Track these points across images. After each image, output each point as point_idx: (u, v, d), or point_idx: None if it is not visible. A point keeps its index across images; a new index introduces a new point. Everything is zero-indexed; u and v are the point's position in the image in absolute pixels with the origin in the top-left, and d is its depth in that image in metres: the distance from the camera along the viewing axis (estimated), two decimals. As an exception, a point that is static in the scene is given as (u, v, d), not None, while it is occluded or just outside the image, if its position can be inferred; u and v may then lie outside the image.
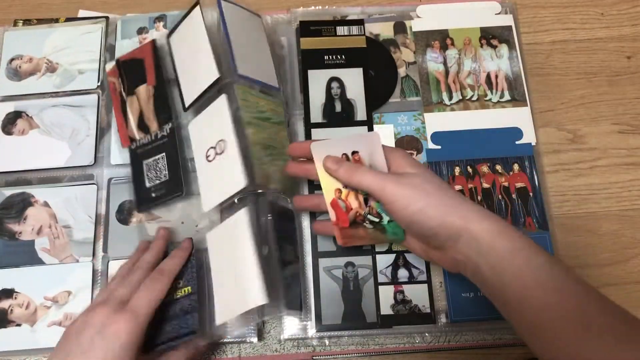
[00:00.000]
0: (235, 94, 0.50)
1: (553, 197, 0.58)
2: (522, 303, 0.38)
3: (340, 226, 0.47)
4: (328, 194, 0.47)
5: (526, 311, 0.38)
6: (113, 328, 0.41)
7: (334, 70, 0.60)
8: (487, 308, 0.52)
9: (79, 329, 0.42)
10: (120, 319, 0.41)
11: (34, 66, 0.61)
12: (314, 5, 0.64)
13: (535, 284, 0.38)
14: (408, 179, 0.43)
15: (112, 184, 0.56)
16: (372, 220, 0.47)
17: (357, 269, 0.54)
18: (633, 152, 0.60)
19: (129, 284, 0.45)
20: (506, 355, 0.53)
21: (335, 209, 0.47)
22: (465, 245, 0.40)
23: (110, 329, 0.41)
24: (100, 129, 0.59)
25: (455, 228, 0.41)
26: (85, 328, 0.41)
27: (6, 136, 0.59)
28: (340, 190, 0.47)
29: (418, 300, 0.53)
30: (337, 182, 0.47)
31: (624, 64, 0.64)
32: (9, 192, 0.57)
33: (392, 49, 0.62)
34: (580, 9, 0.66)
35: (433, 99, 0.60)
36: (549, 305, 0.37)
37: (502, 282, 0.39)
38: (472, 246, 0.40)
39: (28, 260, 0.54)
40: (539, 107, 0.61)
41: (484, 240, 0.40)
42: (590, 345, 0.35)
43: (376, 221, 0.47)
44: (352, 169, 0.45)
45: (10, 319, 0.52)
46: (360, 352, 0.53)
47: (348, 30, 0.62)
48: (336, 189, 0.47)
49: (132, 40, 0.62)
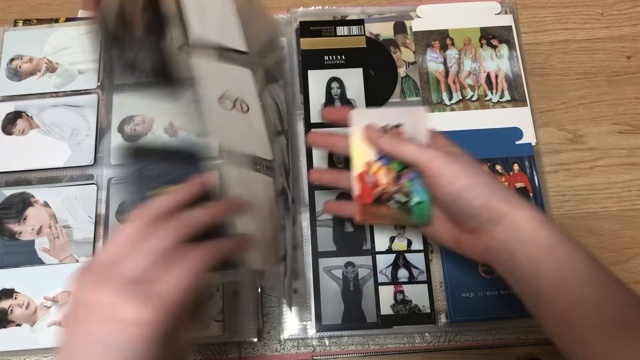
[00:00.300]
0: (258, 79, 0.48)
1: (553, 197, 0.58)
2: (556, 295, 0.37)
3: (362, 202, 0.45)
4: (357, 166, 0.45)
5: (560, 304, 0.37)
6: (124, 330, 0.30)
7: (334, 71, 0.60)
8: (487, 308, 0.52)
9: (72, 322, 0.32)
10: (138, 313, 0.30)
11: (34, 66, 0.61)
12: (314, 5, 0.64)
13: (574, 276, 0.37)
14: (455, 156, 0.42)
15: (112, 184, 0.57)
16: (398, 200, 0.45)
17: (357, 269, 0.54)
18: (633, 152, 0.60)
19: (145, 254, 0.33)
20: (506, 355, 0.53)
21: (362, 183, 0.45)
22: (504, 231, 0.39)
23: (118, 329, 0.30)
24: (100, 129, 0.59)
25: (499, 211, 0.39)
26: (79, 323, 0.32)
27: (6, 136, 0.59)
28: (370, 165, 0.45)
29: (418, 301, 0.53)
30: (369, 154, 0.45)
31: (624, 64, 0.64)
32: (9, 192, 0.57)
33: (392, 49, 0.62)
34: (580, 9, 0.66)
35: (433, 99, 0.60)
36: (585, 299, 0.36)
37: (537, 273, 0.38)
38: (511, 233, 0.39)
39: (28, 260, 0.54)
40: (539, 107, 0.61)
41: (525, 228, 0.39)
42: (625, 343, 0.34)
43: (403, 201, 0.45)
44: (396, 139, 0.43)
45: (11, 319, 0.52)
46: (360, 352, 0.53)
47: (348, 31, 0.62)
48: (366, 162, 0.45)
49: (132, 40, 0.62)
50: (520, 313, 0.52)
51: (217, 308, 0.52)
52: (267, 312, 0.54)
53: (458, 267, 0.53)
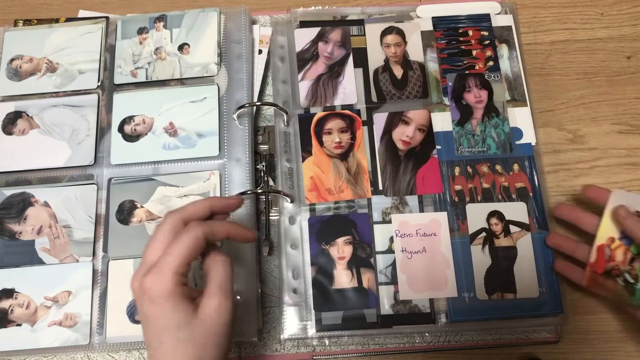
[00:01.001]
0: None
1: (553, 197, 0.58)
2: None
3: (594, 269, 0.49)
4: (600, 237, 0.50)
5: None
6: (146, 292, 0.37)
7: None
8: (487, 308, 0.52)
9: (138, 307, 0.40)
10: (147, 281, 0.38)
11: (34, 66, 0.62)
12: (314, 5, 0.64)
13: None
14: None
15: (112, 184, 0.57)
16: (626, 279, 0.48)
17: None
18: (633, 152, 0.60)
19: (154, 242, 0.40)
20: (506, 355, 0.53)
21: (599, 254, 0.49)
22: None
23: (145, 294, 0.38)
24: (100, 129, 0.59)
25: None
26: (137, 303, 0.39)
27: (6, 136, 0.59)
28: (613, 240, 0.49)
29: (418, 300, 0.53)
30: (614, 231, 0.49)
31: (624, 64, 0.64)
32: (9, 192, 0.57)
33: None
34: (580, 9, 0.66)
35: (433, 100, 0.60)
36: None
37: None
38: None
39: (28, 260, 0.54)
40: (539, 107, 0.61)
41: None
42: None
43: (630, 282, 0.48)
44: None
45: (11, 319, 0.52)
46: (360, 352, 0.53)
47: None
48: (610, 237, 0.49)
49: (132, 41, 0.62)
50: (520, 313, 0.52)
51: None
52: (267, 312, 0.54)
53: (457, 266, 0.53)
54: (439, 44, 0.62)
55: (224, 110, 0.58)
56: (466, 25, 0.62)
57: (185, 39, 0.62)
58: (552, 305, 0.52)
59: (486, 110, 0.59)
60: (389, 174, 0.57)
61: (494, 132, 0.58)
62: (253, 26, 0.63)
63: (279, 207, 0.56)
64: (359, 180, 0.56)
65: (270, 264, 0.56)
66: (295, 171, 0.57)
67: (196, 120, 0.58)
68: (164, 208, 0.55)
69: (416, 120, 0.58)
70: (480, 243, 0.54)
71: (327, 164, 0.57)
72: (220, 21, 0.62)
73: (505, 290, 0.53)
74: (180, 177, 0.56)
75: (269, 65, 0.62)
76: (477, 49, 0.61)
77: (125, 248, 0.54)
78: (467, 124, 0.58)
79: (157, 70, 0.60)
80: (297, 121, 0.58)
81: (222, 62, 0.60)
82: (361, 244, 0.54)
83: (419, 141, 0.58)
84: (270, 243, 0.56)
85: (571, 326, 0.54)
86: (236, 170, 0.56)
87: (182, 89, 0.60)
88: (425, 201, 0.56)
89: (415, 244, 0.54)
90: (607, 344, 0.54)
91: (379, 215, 0.55)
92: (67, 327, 0.52)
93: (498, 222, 0.55)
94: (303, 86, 0.60)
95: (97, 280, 0.54)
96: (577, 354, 0.53)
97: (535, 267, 0.53)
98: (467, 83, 0.60)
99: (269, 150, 0.59)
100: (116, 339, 0.52)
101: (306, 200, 0.55)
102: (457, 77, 0.60)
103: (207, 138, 0.57)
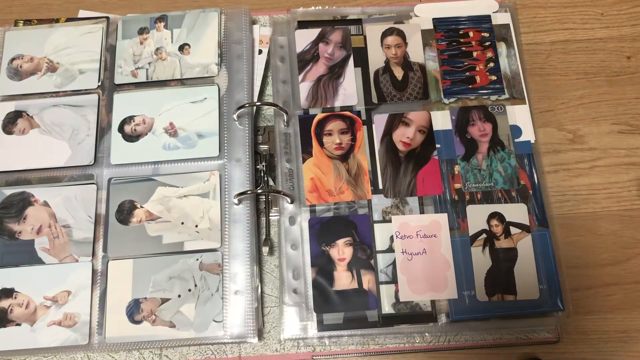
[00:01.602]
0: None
1: (553, 197, 0.58)
2: None
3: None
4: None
5: None
6: None
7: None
8: (487, 308, 0.52)
9: None
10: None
11: (34, 66, 0.62)
12: (314, 5, 0.65)
13: None
14: None
15: (112, 184, 0.57)
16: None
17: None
18: (633, 152, 0.60)
19: None
20: (506, 355, 0.53)
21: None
22: None
23: None
24: (100, 129, 0.59)
25: None
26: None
27: (6, 136, 0.59)
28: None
29: (419, 299, 0.53)
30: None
31: (624, 64, 0.64)
32: (9, 192, 0.57)
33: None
34: (580, 9, 0.66)
35: (432, 99, 0.60)
36: None
37: None
38: None
39: (28, 260, 0.54)
40: (539, 107, 0.61)
41: None
42: None
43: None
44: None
45: (10, 319, 0.52)
46: (360, 352, 0.53)
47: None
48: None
49: (132, 41, 0.62)
50: (520, 313, 0.52)
51: (217, 308, 0.52)
52: (267, 312, 0.54)
53: (458, 268, 0.53)
54: (439, 45, 0.62)
55: (224, 110, 0.59)
56: (467, 27, 0.62)
57: (185, 39, 0.62)
58: (553, 305, 0.52)
59: (491, 143, 0.58)
60: (390, 176, 0.57)
61: (500, 166, 0.56)
62: (253, 26, 0.63)
63: (279, 207, 0.56)
64: (359, 181, 0.56)
65: (270, 264, 0.56)
66: (296, 172, 0.57)
67: (196, 120, 0.58)
68: (164, 208, 0.55)
69: (417, 121, 0.58)
70: (480, 244, 0.54)
71: (328, 165, 0.57)
72: (220, 21, 0.62)
73: (506, 291, 0.53)
74: (180, 178, 0.56)
75: (269, 65, 0.62)
76: (477, 50, 0.62)
77: (124, 248, 0.54)
78: (472, 159, 0.57)
79: (158, 70, 0.61)
80: (298, 122, 0.59)
81: (223, 62, 0.61)
82: (361, 245, 0.54)
83: (420, 142, 0.58)
84: (270, 243, 0.56)
85: (571, 326, 0.54)
86: (236, 171, 0.56)
87: (182, 89, 0.60)
88: (425, 202, 0.56)
89: (415, 245, 0.54)
90: (607, 344, 0.54)
91: (379, 214, 0.55)
92: (66, 327, 0.52)
93: (498, 224, 0.55)
94: (303, 87, 0.60)
95: (96, 280, 0.54)
96: (577, 354, 0.53)
97: (535, 268, 0.53)
98: (470, 116, 0.59)
99: (269, 150, 0.59)
100: (115, 339, 0.52)
101: (307, 201, 0.55)
102: (460, 110, 0.59)
103: (207, 138, 0.57)
